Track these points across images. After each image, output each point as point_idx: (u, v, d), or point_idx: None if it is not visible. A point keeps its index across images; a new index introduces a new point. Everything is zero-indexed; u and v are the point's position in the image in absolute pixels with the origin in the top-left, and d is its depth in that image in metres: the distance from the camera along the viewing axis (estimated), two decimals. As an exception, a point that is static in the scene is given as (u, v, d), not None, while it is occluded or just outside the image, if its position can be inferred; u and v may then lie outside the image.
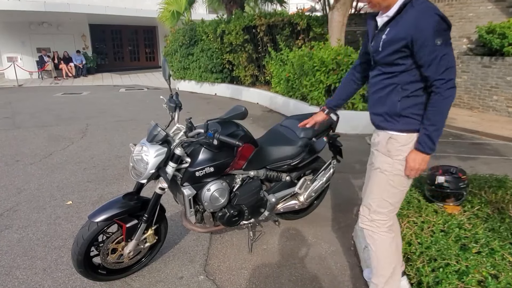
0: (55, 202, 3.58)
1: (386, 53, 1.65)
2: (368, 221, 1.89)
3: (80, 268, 2.17)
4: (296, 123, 2.81)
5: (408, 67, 1.64)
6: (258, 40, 9.28)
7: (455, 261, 1.79)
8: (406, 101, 1.67)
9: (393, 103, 1.69)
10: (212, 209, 2.36)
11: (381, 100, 1.74)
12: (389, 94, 1.70)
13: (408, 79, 1.66)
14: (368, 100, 1.88)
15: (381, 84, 1.74)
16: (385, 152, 1.76)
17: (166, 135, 2.11)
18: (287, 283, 2.38)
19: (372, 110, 1.84)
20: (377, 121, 1.80)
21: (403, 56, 1.61)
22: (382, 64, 1.72)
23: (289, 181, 2.78)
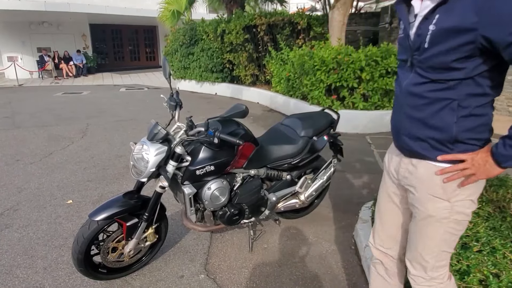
0: (56, 201, 3.58)
1: (436, 50, 1.15)
2: (427, 281, 1.44)
3: (81, 267, 2.16)
4: (296, 122, 2.81)
5: (470, 73, 1.14)
6: (259, 40, 9.27)
7: (456, 260, 1.78)
8: (465, 122, 1.20)
9: (447, 126, 1.21)
10: (213, 208, 2.36)
11: (426, 121, 1.25)
12: (439, 113, 1.22)
13: (470, 91, 1.16)
14: (393, 115, 1.41)
15: (425, 99, 1.23)
16: (439, 193, 1.30)
17: (167, 133, 2.10)
18: (288, 282, 2.37)
19: (405, 132, 1.33)
20: (417, 147, 1.31)
21: (466, 56, 1.11)
22: (428, 68, 1.20)
23: (289, 180, 2.77)
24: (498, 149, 1.15)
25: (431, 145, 1.27)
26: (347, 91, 6.26)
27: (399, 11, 1.32)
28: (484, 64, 1.12)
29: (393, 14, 9.43)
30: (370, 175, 4.16)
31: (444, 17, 1.12)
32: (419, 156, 1.32)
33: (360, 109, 6.21)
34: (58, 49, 16.20)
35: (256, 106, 8.81)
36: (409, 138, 1.32)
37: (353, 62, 6.01)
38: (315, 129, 2.77)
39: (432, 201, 1.32)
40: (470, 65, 1.12)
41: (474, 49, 1.09)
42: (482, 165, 1.19)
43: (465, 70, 1.13)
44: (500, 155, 1.15)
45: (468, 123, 1.20)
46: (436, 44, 1.15)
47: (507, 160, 1.14)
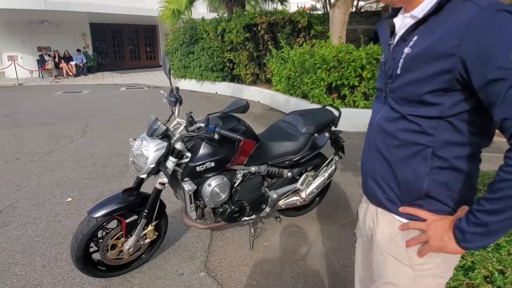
0: (55, 199, 3.55)
1: (409, 78, 0.95)
2: None
3: (79, 264, 2.14)
4: (297, 118, 2.78)
5: (447, 111, 0.91)
6: (259, 39, 9.25)
7: (461, 256, 1.75)
8: (440, 175, 0.97)
9: (418, 176, 0.99)
10: (213, 204, 2.33)
11: (394, 166, 1.04)
12: (410, 160, 1.00)
13: (447, 137, 0.94)
14: (362, 153, 1.18)
15: (396, 139, 1.02)
16: (401, 256, 1.06)
17: (166, 129, 2.08)
18: (289, 280, 2.35)
19: (371, 174, 1.13)
20: (380, 196, 1.10)
21: (442, 88, 0.89)
22: (400, 100, 0.99)
23: (290, 177, 2.74)
24: (461, 222, 0.90)
25: (397, 196, 1.05)
26: (348, 90, 6.24)
27: (379, 30, 1.12)
28: (464, 103, 0.90)
29: (394, 13, 9.38)
30: (372, 173, 4.12)
31: (422, 39, 0.93)
32: (383, 207, 1.11)
33: (361, 107, 6.18)
34: (58, 49, 16.17)
35: (256, 105, 8.78)
36: (374, 182, 1.11)
37: (354, 60, 5.99)
38: (316, 126, 2.74)
39: (392, 264, 1.08)
40: (447, 101, 0.90)
41: (452, 81, 0.87)
42: (440, 235, 0.95)
43: (440, 106, 0.91)
44: (461, 231, 0.90)
45: (443, 176, 0.97)
46: (409, 70, 0.95)
47: (466, 240, 0.89)
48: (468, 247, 0.91)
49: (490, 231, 0.86)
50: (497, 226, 0.85)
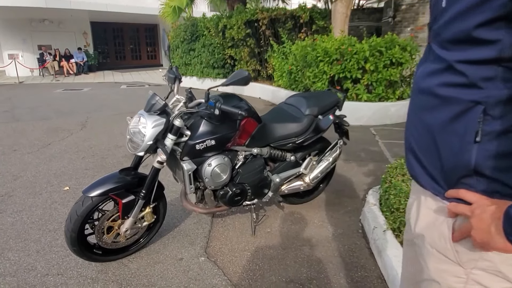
0: (52, 188, 3.47)
1: (455, 10, 0.73)
2: None
3: (74, 247, 2.05)
4: (300, 100, 2.69)
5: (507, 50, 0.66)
6: (260, 34, 9.17)
7: None
8: (494, 143, 0.72)
9: (463, 147, 0.76)
10: (213, 186, 2.24)
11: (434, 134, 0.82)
12: (453, 125, 0.77)
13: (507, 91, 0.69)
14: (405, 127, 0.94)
15: (436, 98, 0.80)
16: (447, 250, 0.83)
17: (165, 104, 1.99)
18: (292, 265, 2.25)
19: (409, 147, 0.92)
20: (419, 173, 0.89)
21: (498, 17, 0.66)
22: (445, 43, 0.77)
23: (294, 161, 2.65)
24: None
25: (440, 173, 0.82)
26: (351, 83, 6.14)
27: None
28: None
29: (396, 8, 9.31)
30: (376, 163, 4.04)
31: None
32: (424, 187, 0.88)
33: (364, 100, 6.09)
34: (59, 47, 16.13)
35: (258, 101, 8.70)
36: (413, 156, 0.90)
37: (356, 53, 5.89)
38: (320, 108, 2.65)
39: (437, 259, 0.85)
40: (507, 35, 0.66)
41: None
42: (486, 224, 0.71)
43: (499, 44, 0.67)
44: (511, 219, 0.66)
45: (499, 145, 0.71)
46: (455, 0, 0.72)
47: None
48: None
49: None
50: None
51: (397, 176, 2.63)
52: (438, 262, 0.85)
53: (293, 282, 2.09)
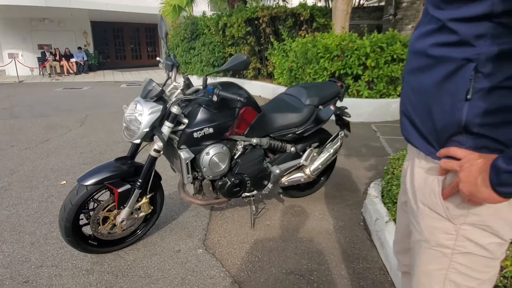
0: (49, 182, 3.42)
1: None
2: None
3: (68, 237, 2.00)
4: (300, 90, 2.64)
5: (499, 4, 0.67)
6: (261, 32, 9.13)
7: None
8: (484, 100, 0.73)
9: (454, 104, 0.77)
10: (212, 175, 2.19)
11: (426, 94, 0.84)
12: (445, 84, 0.79)
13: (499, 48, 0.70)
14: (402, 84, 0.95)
15: (428, 58, 0.82)
16: (438, 207, 0.85)
17: (162, 90, 1.94)
18: (292, 256, 2.20)
19: (404, 109, 0.94)
20: (412, 133, 0.91)
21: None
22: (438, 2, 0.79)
23: (294, 152, 2.60)
24: (498, 159, 0.69)
25: (432, 132, 0.84)
26: (352, 79, 6.09)
27: None
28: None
29: (397, 6, 9.26)
30: (377, 158, 3.98)
31: None
32: (417, 147, 0.91)
33: (364, 97, 6.04)
34: (59, 46, 16.09)
35: (258, 99, 8.54)
36: (407, 118, 0.92)
37: (357, 49, 5.84)
38: (321, 98, 2.60)
39: (428, 216, 0.88)
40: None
41: None
42: (473, 176, 0.73)
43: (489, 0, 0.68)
44: (496, 170, 0.68)
45: (489, 102, 0.72)
46: None
47: (502, 182, 0.68)
48: (503, 191, 0.69)
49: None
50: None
51: (400, 167, 2.58)
52: (429, 220, 0.87)
53: (293, 274, 2.04)
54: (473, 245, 0.82)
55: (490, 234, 0.81)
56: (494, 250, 0.82)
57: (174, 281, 1.98)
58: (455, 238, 0.84)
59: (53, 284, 1.96)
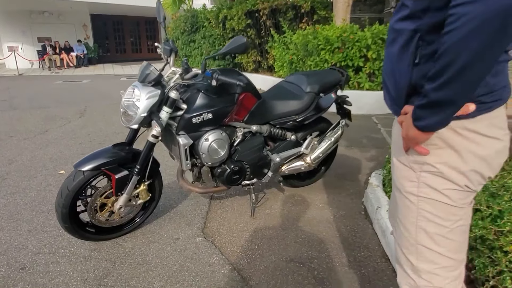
0: (47, 172, 3.39)
1: None
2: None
3: (65, 223, 1.97)
4: (301, 78, 2.60)
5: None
6: (261, 25, 9.06)
7: (486, 206, 1.58)
8: (428, 64, 0.83)
9: (408, 69, 0.89)
10: (211, 162, 2.15)
11: (393, 62, 0.95)
12: (403, 52, 0.91)
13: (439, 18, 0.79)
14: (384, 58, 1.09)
15: (395, 32, 0.95)
16: (402, 157, 0.99)
17: (160, 75, 1.91)
18: (293, 245, 2.17)
19: (383, 79, 1.05)
20: (386, 98, 1.04)
21: None
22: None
23: (294, 140, 2.57)
24: (415, 101, 0.85)
25: (393, 98, 0.98)
26: (353, 71, 6.04)
27: None
28: None
29: (399, -2, 9.17)
30: (378, 149, 3.95)
31: None
32: (391, 111, 1.04)
33: (366, 89, 5.99)
34: (58, 39, 16.00)
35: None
36: (385, 88, 1.04)
37: (358, 40, 5.79)
38: (322, 86, 2.56)
39: (398, 168, 1.00)
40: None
41: None
42: (408, 122, 0.88)
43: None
44: (414, 108, 0.85)
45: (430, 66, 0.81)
46: None
47: (417, 117, 0.83)
48: (419, 125, 0.84)
49: (431, 101, 0.80)
50: (435, 95, 0.78)
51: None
52: (399, 170, 1.01)
53: (293, 261, 2.01)
54: (432, 191, 0.93)
55: (445, 180, 0.91)
56: (453, 197, 0.91)
57: (172, 268, 1.95)
58: (417, 185, 0.95)
59: (50, 270, 1.94)
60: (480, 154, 0.87)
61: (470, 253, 1.52)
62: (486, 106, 0.84)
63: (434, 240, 0.94)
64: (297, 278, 1.88)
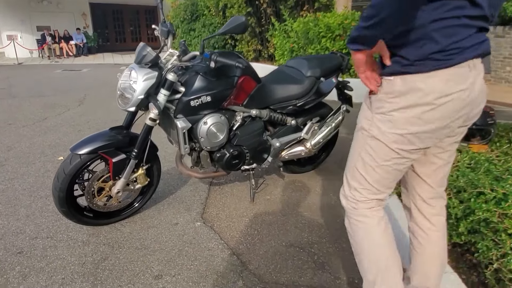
0: (46, 158, 3.37)
1: None
2: (344, 198, 1.30)
3: (63, 207, 1.95)
4: (302, 62, 2.56)
5: None
6: (261, 13, 8.95)
7: (490, 189, 1.55)
8: None
9: None
10: (209, 146, 2.12)
11: None
12: None
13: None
14: None
15: None
16: (367, 101, 1.19)
17: (157, 56, 1.87)
18: (293, 230, 2.15)
19: None
20: None
21: None
22: None
23: (294, 125, 2.53)
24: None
25: None
26: (354, 59, 5.97)
27: None
28: None
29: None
30: (380, 136, 3.91)
31: None
32: None
33: (367, 77, 5.92)
34: (57, 28, 15.84)
35: (259, 80, 8.52)
36: None
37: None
38: (322, 70, 2.51)
39: (362, 110, 1.22)
40: None
41: None
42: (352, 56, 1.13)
43: None
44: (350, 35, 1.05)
45: None
46: None
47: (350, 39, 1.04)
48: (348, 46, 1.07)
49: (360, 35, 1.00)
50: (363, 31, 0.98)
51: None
52: (363, 111, 1.20)
53: (293, 246, 1.99)
54: (378, 131, 1.11)
55: (391, 125, 1.08)
56: (391, 140, 1.09)
57: (171, 253, 1.94)
58: (370, 124, 1.14)
59: (48, 255, 1.92)
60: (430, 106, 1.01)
61: (473, 236, 1.50)
62: (439, 63, 0.97)
63: (366, 169, 1.19)
64: (297, 262, 1.86)
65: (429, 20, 0.95)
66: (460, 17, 0.94)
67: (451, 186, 1.72)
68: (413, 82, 1.00)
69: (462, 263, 1.62)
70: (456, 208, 1.58)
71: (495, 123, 2.28)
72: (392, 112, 1.06)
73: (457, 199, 1.63)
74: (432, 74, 0.98)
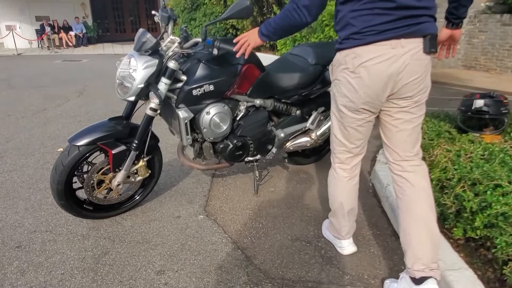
0: (45, 150, 3.31)
1: None
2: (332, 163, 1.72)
3: (61, 200, 1.89)
4: (307, 49, 2.47)
5: None
6: (263, 2, 8.80)
7: (507, 181, 1.48)
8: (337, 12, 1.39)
9: None
10: (212, 137, 2.05)
11: None
12: None
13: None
14: None
15: None
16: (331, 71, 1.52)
17: (157, 43, 1.78)
18: (298, 223, 2.09)
19: None
20: None
21: None
22: None
23: (299, 115, 2.45)
24: (265, 23, 1.54)
25: None
26: (359, 48, 5.86)
27: None
28: None
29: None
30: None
31: None
32: None
33: (372, 66, 5.82)
34: (57, 18, 15.65)
35: (261, 70, 8.41)
36: None
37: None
38: (329, 58, 2.40)
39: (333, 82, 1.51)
40: None
41: None
42: (252, 34, 1.60)
43: None
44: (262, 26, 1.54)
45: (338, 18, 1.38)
46: None
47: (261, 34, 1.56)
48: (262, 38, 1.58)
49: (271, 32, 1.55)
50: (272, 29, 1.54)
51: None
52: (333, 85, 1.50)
53: (299, 240, 1.93)
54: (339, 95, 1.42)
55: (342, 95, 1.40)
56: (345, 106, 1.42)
57: (173, 247, 1.88)
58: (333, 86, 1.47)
59: (47, 249, 1.87)
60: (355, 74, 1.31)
61: (489, 231, 1.43)
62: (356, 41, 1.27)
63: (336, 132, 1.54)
64: (303, 257, 1.80)
65: (349, 11, 1.26)
66: (373, 8, 1.22)
67: (465, 178, 1.65)
68: (342, 56, 1.34)
69: (476, 258, 1.56)
70: (472, 201, 1.51)
71: (509, 112, 2.20)
72: (335, 81, 1.43)
73: (472, 192, 1.55)
74: (353, 50, 1.28)
